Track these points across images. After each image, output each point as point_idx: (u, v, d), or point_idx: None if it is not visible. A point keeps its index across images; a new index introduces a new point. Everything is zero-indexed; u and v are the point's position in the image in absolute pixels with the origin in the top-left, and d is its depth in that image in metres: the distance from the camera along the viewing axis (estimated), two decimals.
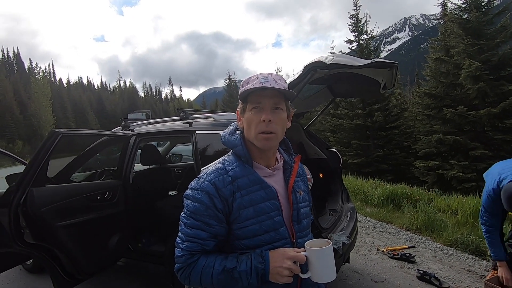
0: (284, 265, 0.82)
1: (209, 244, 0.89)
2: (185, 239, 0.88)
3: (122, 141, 2.94)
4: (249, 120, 0.90)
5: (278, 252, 0.86)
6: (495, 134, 8.66)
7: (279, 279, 0.83)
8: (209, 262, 0.86)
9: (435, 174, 9.47)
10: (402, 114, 13.47)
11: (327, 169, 3.26)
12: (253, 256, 0.85)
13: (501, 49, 9.02)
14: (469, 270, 3.14)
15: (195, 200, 0.88)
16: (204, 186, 0.88)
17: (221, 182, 0.89)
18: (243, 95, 0.90)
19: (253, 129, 0.89)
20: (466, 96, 9.31)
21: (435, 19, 16.86)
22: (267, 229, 0.89)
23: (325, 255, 0.83)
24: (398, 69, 2.26)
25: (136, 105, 66.73)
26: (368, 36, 13.49)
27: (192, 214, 0.88)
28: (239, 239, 0.90)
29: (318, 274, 0.83)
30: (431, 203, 5.30)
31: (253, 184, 0.90)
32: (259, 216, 0.89)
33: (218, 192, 0.87)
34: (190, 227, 0.88)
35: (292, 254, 0.84)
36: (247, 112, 0.91)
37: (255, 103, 0.89)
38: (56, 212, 2.10)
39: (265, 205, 0.90)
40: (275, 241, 0.90)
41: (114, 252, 2.60)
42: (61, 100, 51.03)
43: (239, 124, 0.97)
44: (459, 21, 9.40)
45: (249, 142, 0.94)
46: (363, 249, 3.79)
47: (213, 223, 0.88)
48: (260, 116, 0.87)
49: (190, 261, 0.87)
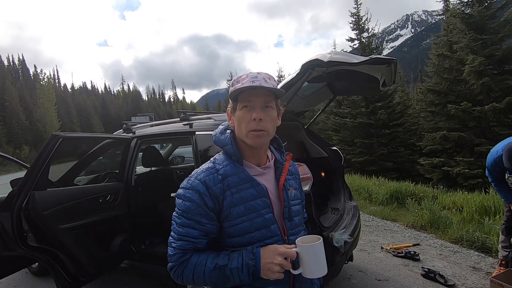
0: (275, 261, 0.83)
1: (201, 242, 0.90)
2: (177, 238, 0.90)
3: (124, 144, 2.96)
4: (240, 119, 0.91)
5: (269, 249, 0.87)
6: (501, 129, 8.54)
7: (270, 275, 0.84)
8: (201, 260, 0.87)
9: (440, 171, 9.37)
10: (406, 111, 13.36)
11: (329, 168, 3.25)
12: (244, 253, 0.86)
13: (505, 43, 8.90)
14: (474, 267, 3.10)
15: (186, 199, 0.89)
16: (194, 185, 0.89)
17: (211, 181, 0.90)
18: (234, 94, 0.91)
19: (243, 127, 0.90)
20: (470, 91, 9.20)
21: (438, 15, 16.73)
22: (258, 226, 0.90)
23: (316, 251, 0.84)
24: (398, 66, 2.25)
25: (139, 108, 67.23)
26: (370, 34, 13.39)
27: (184, 213, 0.89)
28: (230, 237, 0.91)
29: (309, 269, 0.85)
30: (436, 200, 5.24)
31: (243, 182, 0.91)
32: (250, 213, 0.90)
33: (208, 191, 0.88)
34: (182, 225, 0.89)
35: (283, 250, 0.85)
36: (237, 111, 0.91)
37: (245, 101, 0.90)
38: (58, 215, 2.12)
39: (256, 202, 0.91)
40: (267, 238, 0.91)
41: (117, 254, 2.62)
42: (66, 105, 51.61)
43: (230, 123, 0.97)
44: (462, 16, 9.30)
45: (240, 140, 0.94)
46: (367, 247, 3.76)
47: (204, 221, 0.89)
48: (251, 115, 0.88)
49: (182, 259, 0.88)
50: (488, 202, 4.47)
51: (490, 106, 8.23)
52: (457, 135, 8.91)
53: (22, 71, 62.53)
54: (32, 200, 2.00)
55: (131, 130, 3.21)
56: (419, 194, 5.69)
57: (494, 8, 9.12)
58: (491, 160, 2.56)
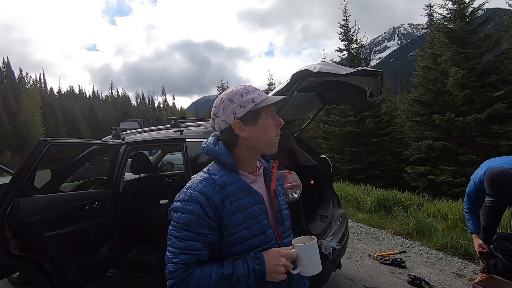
0: (280, 263, 0.87)
1: (204, 254, 0.89)
2: (178, 252, 0.87)
3: (112, 150, 2.93)
4: (266, 127, 0.95)
5: (272, 252, 0.90)
6: (483, 139, 8.84)
7: (276, 276, 0.87)
8: (205, 272, 0.86)
9: (426, 180, 9.58)
10: (393, 120, 13.68)
11: (318, 176, 3.29)
12: (248, 259, 0.88)
13: (485, 57, 9.29)
14: (458, 273, 3.18)
15: (186, 212, 0.88)
16: (194, 197, 0.89)
17: (211, 191, 0.90)
18: (261, 105, 0.93)
19: (269, 134, 0.96)
20: (453, 102, 9.51)
21: (423, 28, 17.38)
22: (256, 232, 0.93)
23: (312, 250, 0.91)
24: (385, 76, 2.34)
25: (128, 114, 66.32)
26: (358, 45, 13.76)
27: (184, 226, 0.88)
28: (230, 245, 0.92)
29: (307, 268, 0.90)
30: (422, 208, 5.37)
31: (241, 191, 0.93)
32: (248, 221, 0.92)
33: (208, 201, 0.88)
34: (183, 239, 0.88)
35: (285, 252, 0.90)
36: (261, 120, 0.95)
37: (269, 111, 0.96)
38: (43, 223, 2.07)
39: (253, 209, 0.93)
40: (264, 244, 0.94)
41: (103, 263, 2.56)
42: (52, 109, 50.45)
43: (242, 135, 0.94)
44: (445, 30, 9.67)
45: (242, 150, 0.96)
46: (355, 255, 3.80)
47: (206, 232, 0.88)
48: (276, 122, 0.97)
49: (185, 274, 0.86)
50: None
51: (472, 117, 8.53)
52: (441, 145, 9.17)
53: (6, 74, 61.00)
54: (16, 207, 1.96)
55: (120, 136, 3.18)
56: (405, 202, 5.81)
57: (475, 24, 9.53)
58: (473, 189, 2.56)
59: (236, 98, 0.93)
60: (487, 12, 10.70)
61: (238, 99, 0.93)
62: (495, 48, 9.27)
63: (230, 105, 0.93)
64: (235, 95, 0.94)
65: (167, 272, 0.88)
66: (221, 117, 0.95)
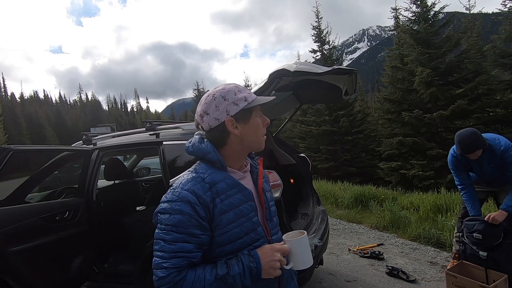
0: (275, 258, 0.86)
1: (196, 256, 0.85)
2: (168, 256, 0.83)
3: (83, 156, 2.78)
4: (258, 126, 0.97)
5: (266, 248, 0.90)
6: (448, 134, 9.42)
7: (272, 272, 0.86)
8: (199, 274, 0.83)
9: (398, 174, 10.03)
10: (366, 119, 14.19)
11: (297, 174, 3.33)
12: (243, 258, 0.86)
13: (447, 57, 9.92)
14: (432, 262, 3.34)
15: (175, 212, 0.84)
16: (183, 196, 0.84)
17: (200, 190, 0.86)
18: (253, 104, 0.93)
19: (260, 132, 0.97)
20: (420, 100, 10.05)
21: (390, 30, 18.17)
22: (247, 230, 0.91)
23: (304, 244, 0.91)
24: (358, 76, 2.41)
25: (99, 118, 63.43)
26: (331, 46, 14.14)
27: (174, 228, 0.83)
28: (221, 245, 0.88)
29: (299, 262, 0.90)
30: (396, 201, 5.60)
31: (231, 188, 0.91)
32: (239, 219, 0.90)
33: (199, 200, 0.85)
34: (173, 241, 0.83)
35: (279, 247, 0.90)
36: (252, 119, 0.95)
37: (259, 110, 0.98)
38: (7, 237, 1.92)
39: (244, 207, 0.92)
40: (255, 241, 0.92)
41: (77, 276, 2.41)
42: (14, 116, 47.02)
43: (235, 133, 0.92)
44: (410, 32, 10.21)
45: (228, 148, 0.94)
46: (335, 250, 3.88)
47: (198, 233, 0.84)
48: (263, 121, 0.98)
49: (178, 278, 0.82)
50: (440, 201, 4.88)
51: (437, 113, 9.06)
52: (411, 140, 9.64)
53: None
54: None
55: (91, 142, 3.03)
56: (380, 197, 6.03)
57: (437, 26, 10.14)
58: (450, 159, 2.76)
59: (229, 96, 0.92)
60: (447, 15, 11.40)
61: (231, 96, 0.92)
62: (456, 49, 9.92)
63: (223, 102, 0.91)
64: (228, 93, 0.92)
65: (156, 279, 0.83)
66: (212, 114, 0.92)
